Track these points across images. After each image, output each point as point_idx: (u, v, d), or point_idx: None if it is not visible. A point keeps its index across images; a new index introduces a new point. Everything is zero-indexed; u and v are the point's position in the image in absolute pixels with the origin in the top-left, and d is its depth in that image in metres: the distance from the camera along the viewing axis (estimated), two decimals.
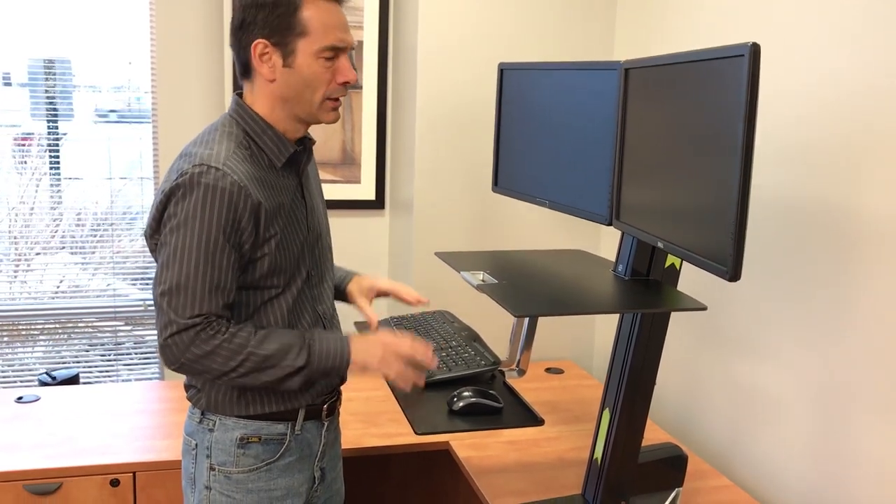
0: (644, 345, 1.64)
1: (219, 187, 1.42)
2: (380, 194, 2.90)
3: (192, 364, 1.45)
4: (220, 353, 1.44)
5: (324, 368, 1.51)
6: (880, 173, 1.64)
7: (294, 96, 1.52)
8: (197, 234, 1.42)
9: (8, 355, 2.91)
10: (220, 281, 1.45)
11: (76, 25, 2.77)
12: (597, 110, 1.71)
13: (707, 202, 1.31)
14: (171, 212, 1.44)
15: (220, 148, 1.47)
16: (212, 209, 1.42)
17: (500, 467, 1.99)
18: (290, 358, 1.48)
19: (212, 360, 1.44)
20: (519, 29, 2.65)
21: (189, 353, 1.43)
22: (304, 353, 1.49)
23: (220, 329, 1.45)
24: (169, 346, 1.44)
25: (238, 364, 1.45)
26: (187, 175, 1.43)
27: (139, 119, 2.87)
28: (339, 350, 1.51)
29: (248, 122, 1.54)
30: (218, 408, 1.58)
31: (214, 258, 1.43)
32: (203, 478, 1.59)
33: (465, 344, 2.05)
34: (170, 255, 1.44)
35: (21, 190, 2.88)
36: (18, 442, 2.06)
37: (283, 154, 1.55)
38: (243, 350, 1.45)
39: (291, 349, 1.48)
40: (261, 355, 1.46)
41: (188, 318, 1.43)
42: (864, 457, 1.70)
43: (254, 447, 1.58)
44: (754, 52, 1.19)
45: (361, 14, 2.75)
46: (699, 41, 2.24)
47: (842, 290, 1.75)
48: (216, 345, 1.43)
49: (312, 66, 1.50)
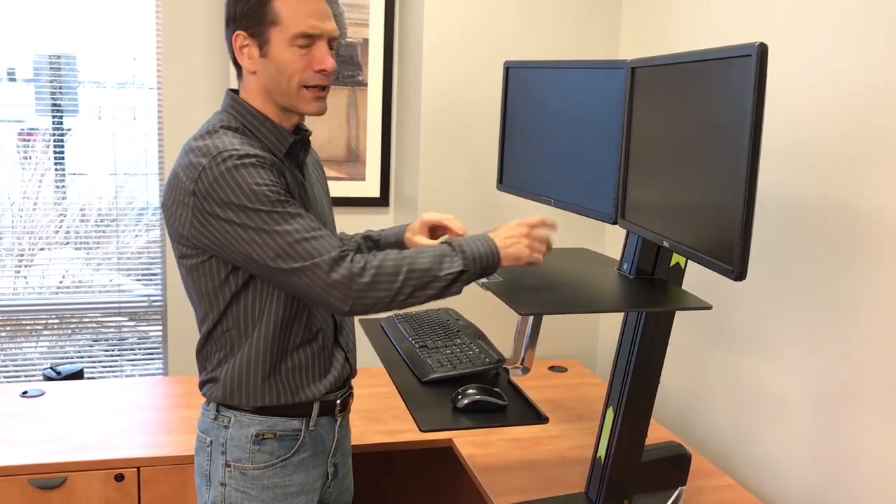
0: (648, 343, 1.64)
1: (248, 163, 1.43)
2: (384, 192, 2.90)
3: (361, 299, 1.43)
4: (380, 280, 1.43)
5: (481, 269, 1.49)
6: (884, 172, 1.64)
7: (274, 86, 1.52)
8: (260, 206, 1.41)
9: (12, 350, 2.92)
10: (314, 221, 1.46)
11: (81, 21, 2.77)
12: (602, 109, 1.71)
13: (713, 201, 1.32)
14: (214, 203, 1.43)
15: (228, 138, 1.48)
16: (255, 181, 1.42)
17: (503, 465, 1.99)
18: (447, 265, 1.47)
19: (376, 288, 1.43)
20: (524, 27, 2.65)
21: (354, 291, 1.42)
22: (458, 257, 1.47)
23: (367, 259, 1.44)
24: (333, 296, 1.42)
25: (402, 284, 1.44)
26: (208, 166, 1.43)
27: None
28: (488, 250, 1.50)
29: (244, 116, 1.54)
30: (235, 399, 1.57)
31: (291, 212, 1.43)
32: (218, 474, 1.59)
33: (469, 342, 2.05)
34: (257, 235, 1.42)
35: (25, 185, 2.88)
36: (23, 436, 2.07)
37: (283, 144, 1.55)
38: (401, 269, 1.44)
39: (444, 258, 1.47)
40: (420, 269, 1.45)
41: (331, 255, 1.42)
42: (866, 456, 1.71)
43: (269, 443, 1.58)
44: (761, 52, 1.19)
45: (367, 12, 2.75)
46: (704, 40, 2.24)
47: (846, 289, 1.75)
48: (373, 273, 1.43)
49: (285, 55, 1.49)
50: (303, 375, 1.59)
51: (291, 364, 1.58)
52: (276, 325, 1.54)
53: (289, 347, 1.57)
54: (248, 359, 1.56)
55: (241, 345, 1.56)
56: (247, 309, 1.54)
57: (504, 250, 1.51)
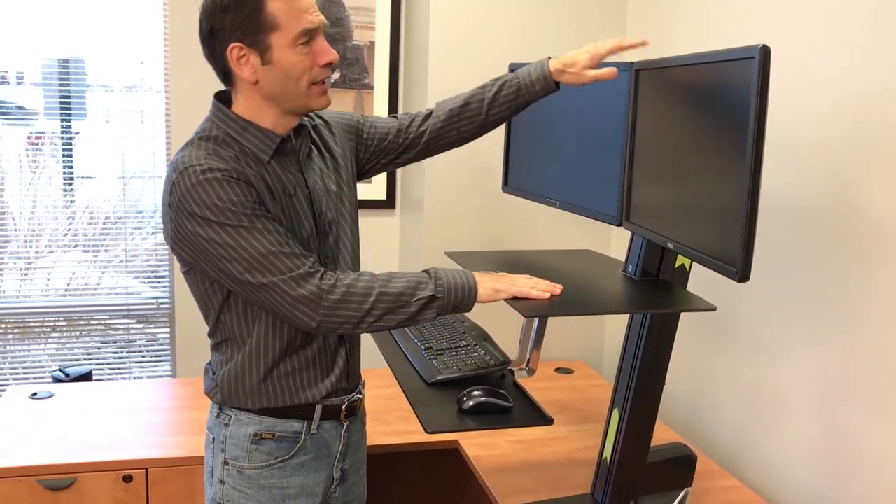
0: (654, 345, 1.64)
1: (211, 178, 1.41)
2: (390, 194, 2.91)
3: (330, 316, 1.42)
4: (350, 301, 1.42)
5: (455, 300, 1.48)
6: (889, 173, 1.64)
7: (281, 92, 1.49)
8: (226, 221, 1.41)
9: (22, 353, 2.94)
10: (283, 235, 1.44)
11: (90, 25, 2.79)
12: (607, 111, 1.72)
13: (717, 203, 1.32)
14: (183, 217, 1.43)
15: (198, 151, 1.45)
16: (218, 196, 1.40)
17: (509, 466, 2.00)
18: (421, 290, 1.45)
19: (345, 307, 1.42)
20: (530, 30, 2.66)
21: (322, 309, 1.41)
22: (432, 284, 1.46)
23: (338, 277, 1.43)
24: (300, 310, 1.42)
25: (371, 306, 1.43)
26: (176, 181, 1.42)
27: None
28: (464, 282, 1.48)
29: (227, 123, 1.51)
30: (233, 401, 1.58)
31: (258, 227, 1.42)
32: (218, 471, 1.60)
33: (474, 343, 2.06)
34: (223, 250, 1.42)
35: (34, 188, 2.90)
36: (33, 438, 2.08)
37: (269, 147, 1.51)
38: (372, 291, 1.43)
39: (419, 284, 1.46)
40: (392, 293, 1.44)
41: (299, 271, 1.41)
42: (872, 457, 1.71)
43: (267, 444, 1.58)
44: (764, 55, 1.19)
45: (373, 15, 2.77)
46: (709, 43, 2.24)
47: (850, 290, 1.75)
48: (343, 292, 1.42)
49: (291, 58, 1.46)
50: (301, 377, 1.58)
51: (290, 367, 1.57)
52: (268, 331, 1.54)
53: (286, 351, 1.56)
54: (244, 364, 1.56)
55: (238, 350, 1.56)
56: (238, 316, 1.54)
57: (482, 284, 1.49)
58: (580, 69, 1.64)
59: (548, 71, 1.67)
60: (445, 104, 1.77)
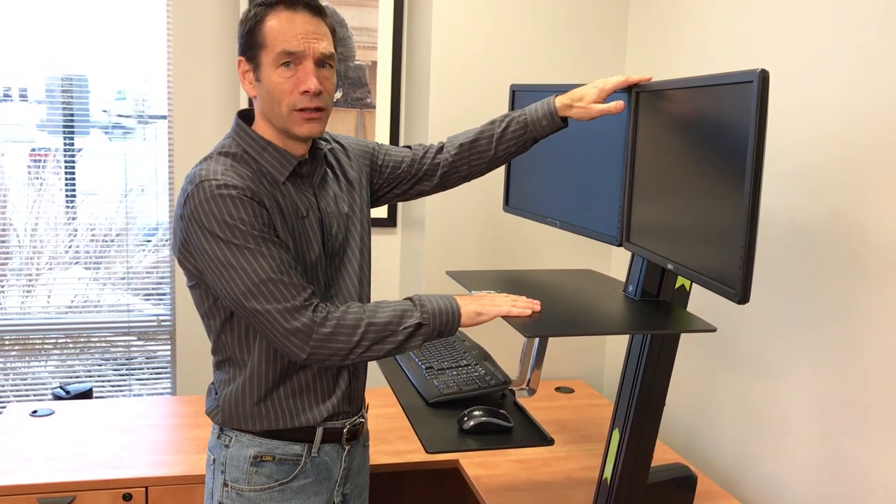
0: (654, 365, 1.65)
1: (225, 195, 1.42)
2: (392, 212, 2.92)
3: (320, 348, 1.43)
4: (340, 333, 1.43)
5: (440, 325, 1.49)
6: (888, 195, 1.65)
7: (268, 110, 1.51)
8: (233, 240, 1.42)
9: (22, 369, 2.94)
10: (286, 262, 1.45)
11: (93, 42, 2.81)
12: (607, 132, 1.73)
13: (716, 225, 1.33)
14: (193, 230, 1.44)
15: (216, 166, 1.47)
16: (230, 213, 1.42)
17: (509, 486, 1.99)
18: (407, 319, 1.47)
19: (335, 339, 1.43)
20: (531, 50, 2.67)
21: (313, 340, 1.43)
22: (418, 311, 1.48)
23: (330, 309, 1.45)
24: (291, 341, 1.43)
25: (360, 338, 1.44)
26: (191, 193, 1.44)
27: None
28: (448, 306, 1.50)
29: (246, 141, 1.53)
30: (234, 423, 1.57)
31: (263, 250, 1.43)
32: (218, 493, 1.60)
33: (475, 363, 2.06)
34: (225, 269, 1.43)
35: (36, 204, 2.91)
36: (33, 455, 2.08)
37: (286, 168, 1.53)
38: (361, 323, 1.44)
39: (405, 312, 1.47)
40: (379, 324, 1.45)
41: (294, 302, 1.42)
42: (873, 477, 1.70)
43: (267, 466, 1.57)
44: (763, 79, 1.20)
45: (375, 35, 2.79)
46: (709, 65, 2.26)
47: (851, 310, 1.75)
48: (334, 325, 1.43)
49: (272, 77, 1.48)
50: (302, 399, 1.58)
51: (289, 389, 1.57)
52: (268, 352, 1.54)
53: (286, 372, 1.56)
54: (244, 384, 1.56)
55: (239, 371, 1.56)
56: (239, 336, 1.54)
57: (464, 307, 1.51)
58: (587, 103, 1.67)
59: (554, 107, 1.70)
60: (457, 138, 1.79)
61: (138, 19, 2.81)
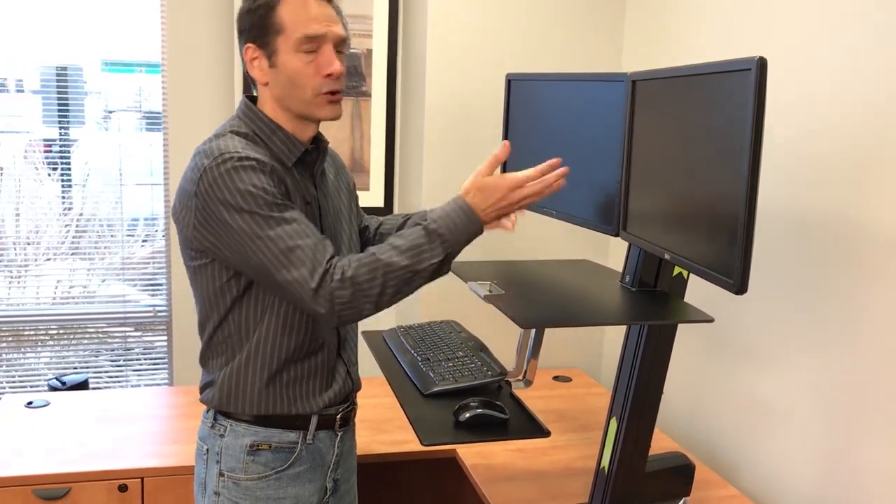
0: (651, 355, 1.64)
1: (248, 166, 1.42)
2: (388, 201, 2.91)
3: (346, 310, 1.40)
4: (360, 290, 1.39)
5: (465, 241, 1.46)
6: (888, 184, 1.64)
7: (286, 96, 1.52)
8: (257, 210, 1.40)
9: (18, 360, 2.93)
10: (309, 226, 1.44)
11: (88, 33, 2.79)
12: (604, 122, 1.72)
13: (714, 215, 1.32)
14: (213, 203, 1.42)
15: (232, 142, 1.47)
16: (253, 184, 1.41)
17: (507, 475, 1.99)
18: (426, 256, 1.42)
19: (358, 298, 1.40)
20: (527, 40, 2.66)
21: (337, 305, 1.39)
22: (438, 245, 1.43)
23: (344, 267, 1.40)
24: (319, 311, 1.40)
25: (382, 288, 1.40)
26: (209, 167, 1.42)
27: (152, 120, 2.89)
28: (467, 221, 1.45)
29: (256, 123, 1.54)
30: (230, 404, 1.56)
31: (287, 217, 1.42)
32: (213, 483, 1.59)
33: (471, 354, 2.05)
34: (249, 240, 1.41)
35: (31, 195, 2.90)
36: (28, 447, 2.08)
37: (294, 153, 1.54)
38: (377, 273, 1.40)
39: (422, 248, 1.42)
40: (397, 268, 1.41)
41: (315, 280, 1.39)
42: (872, 467, 1.70)
43: (264, 454, 1.58)
44: (761, 66, 1.19)
45: (370, 23, 2.77)
46: (706, 53, 2.24)
47: (849, 300, 1.75)
48: (350, 284, 1.39)
49: (293, 62, 1.49)
50: (302, 387, 1.59)
51: (292, 375, 1.57)
52: (276, 333, 1.54)
53: (289, 357, 1.56)
54: (247, 365, 1.55)
55: (241, 350, 1.55)
56: (248, 314, 1.54)
57: (484, 212, 1.47)
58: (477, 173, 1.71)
59: None
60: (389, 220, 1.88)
61: (134, 9, 2.79)
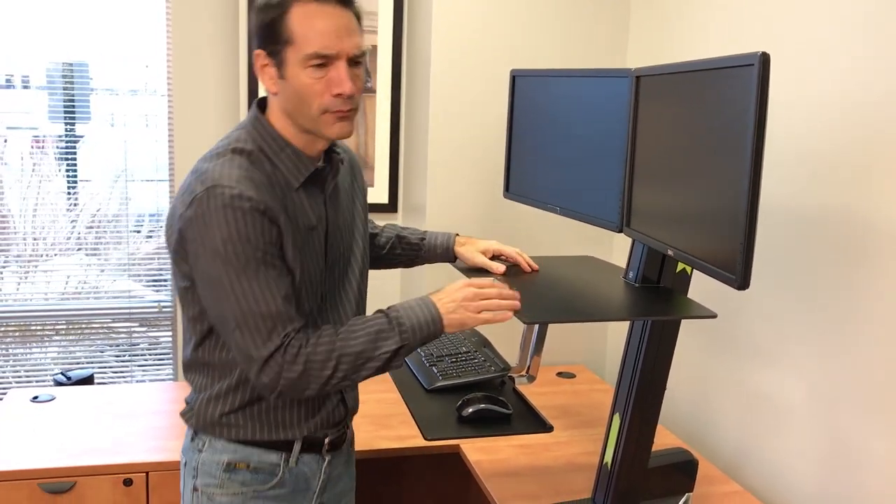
0: (654, 351, 1.64)
1: (237, 207, 1.33)
2: (393, 197, 2.91)
3: (290, 389, 1.36)
4: (311, 369, 1.35)
5: (422, 339, 1.41)
6: (889, 180, 1.64)
7: (294, 109, 1.40)
8: (234, 260, 1.33)
9: (23, 355, 2.94)
10: (280, 292, 1.36)
11: (94, 29, 2.80)
12: (608, 117, 1.72)
13: (717, 210, 1.32)
14: (194, 236, 1.36)
15: (231, 169, 1.36)
16: (238, 230, 1.33)
17: (510, 471, 2.00)
18: (383, 344, 1.38)
19: (306, 378, 1.36)
20: (532, 36, 2.66)
21: (282, 381, 1.35)
22: (395, 333, 1.38)
23: (301, 344, 1.36)
24: (262, 381, 1.36)
25: (333, 371, 1.36)
26: (200, 197, 1.34)
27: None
28: (430, 317, 1.41)
29: (264, 139, 1.43)
30: (207, 429, 1.51)
31: (261, 277, 1.34)
32: (188, 498, 1.54)
33: (474, 350, 2.06)
34: (216, 288, 1.35)
35: (37, 191, 2.91)
36: (33, 441, 2.09)
37: (302, 173, 1.44)
38: (332, 355, 1.36)
39: (380, 336, 1.38)
40: (352, 353, 1.36)
41: (266, 350, 1.35)
42: (874, 463, 1.70)
43: (241, 473, 1.50)
44: (764, 62, 1.19)
45: (375, 19, 2.77)
46: (711, 49, 2.24)
47: (853, 297, 1.75)
48: (304, 362, 1.35)
49: (300, 77, 1.36)
50: (284, 415, 1.51)
51: (272, 403, 1.50)
52: None
53: None
54: (224, 393, 1.49)
55: (217, 376, 1.49)
56: (224, 343, 1.46)
57: (447, 316, 1.42)
58: (476, 250, 1.78)
59: (452, 242, 1.81)
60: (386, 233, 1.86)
61: (139, 5, 2.79)
